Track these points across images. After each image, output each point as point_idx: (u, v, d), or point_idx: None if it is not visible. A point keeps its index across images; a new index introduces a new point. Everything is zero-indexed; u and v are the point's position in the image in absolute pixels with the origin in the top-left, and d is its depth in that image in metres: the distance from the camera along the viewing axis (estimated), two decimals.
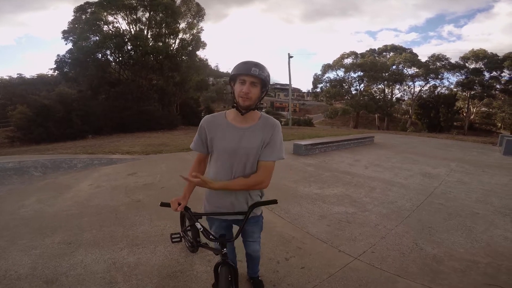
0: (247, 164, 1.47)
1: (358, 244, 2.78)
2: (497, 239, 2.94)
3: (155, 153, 7.57)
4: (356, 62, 36.67)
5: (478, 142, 14.57)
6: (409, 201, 4.12)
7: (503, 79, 31.89)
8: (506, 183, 5.40)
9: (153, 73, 20.44)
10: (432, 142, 13.70)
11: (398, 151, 9.47)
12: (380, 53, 39.19)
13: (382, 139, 13.13)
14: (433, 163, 7.41)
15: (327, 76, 39.18)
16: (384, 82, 36.51)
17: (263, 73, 1.33)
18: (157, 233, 2.95)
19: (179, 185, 4.55)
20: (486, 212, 3.75)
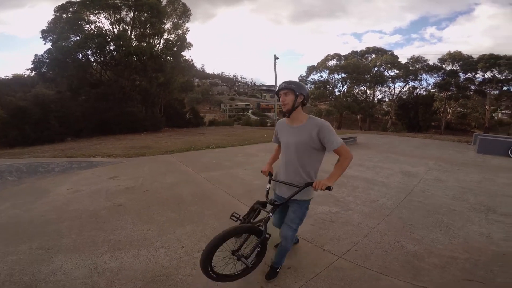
0: (298, 153, 2.01)
1: (342, 243, 2.82)
2: (473, 235, 3.06)
3: (138, 155, 7.40)
4: (340, 64, 37.42)
5: (454, 141, 15.24)
6: (390, 199, 4.24)
7: (477, 81, 33.46)
8: (480, 180, 5.67)
9: (136, 73, 20.03)
10: (412, 141, 14.18)
11: (379, 151, 9.73)
12: (363, 55, 40.18)
13: (364, 139, 13.45)
14: (413, 162, 7.67)
15: (312, 78, 39.77)
16: (366, 83, 37.46)
17: (290, 84, 1.93)
18: (140, 237, 2.89)
19: (162, 188, 4.49)
20: (462, 209, 3.90)
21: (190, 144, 9.90)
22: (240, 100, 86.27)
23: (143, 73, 19.90)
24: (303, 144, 1.96)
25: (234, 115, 65.10)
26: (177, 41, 21.74)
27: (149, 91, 20.62)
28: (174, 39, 21.78)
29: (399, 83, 37.59)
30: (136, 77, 20.85)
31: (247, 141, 11.35)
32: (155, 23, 19.68)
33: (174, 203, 3.79)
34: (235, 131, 18.10)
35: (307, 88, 2.02)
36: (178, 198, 3.99)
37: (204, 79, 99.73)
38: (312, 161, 2.03)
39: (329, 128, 1.93)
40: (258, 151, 8.72)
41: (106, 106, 16.68)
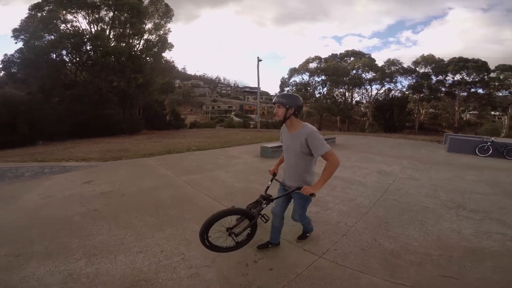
0: (295, 157, 2.32)
1: (321, 242, 2.88)
2: (445, 232, 3.21)
3: (115, 159, 7.15)
4: (320, 66, 38.21)
5: (426, 141, 15.99)
6: (367, 198, 4.37)
7: (447, 83, 35.35)
8: (451, 178, 5.98)
9: (114, 74, 19.38)
10: (387, 141, 14.73)
11: (357, 151, 10.02)
12: (342, 58, 41.25)
13: (343, 140, 13.81)
14: (388, 161, 7.97)
15: (294, 80, 40.29)
16: (345, 86, 38.50)
17: (281, 99, 2.19)
18: (116, 242, 2.80)
19: (140, 192, 4.37)
20: (434, 206, 4.10)
21: (170, 147, 9.69)
22: (223, 102, 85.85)
23: (121, 74, 19.27)
24: (297, 150, 2.26)
25: (217, 117, 64.68)
26: (158, 42, 21.32)
27: (127, 93, 20.01)
28: (154, 40, 21.36)
29: (375, 86, 38.95)
30: (113, 78, 20.17)
31: (229, 143, 11.29)
32: (135, 23, 19.20)
33: (153, 207, 3.70)
34: (217, 133, 17.95)
35: (299, 100, 2.24)
36: (156, 202, 3.90)
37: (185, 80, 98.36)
38: (307, 164, 2.32)
39: (317, 136, 2.17)
40: (240, 153, 8.68)
41: (81, 108, 15.99)
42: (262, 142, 11.27)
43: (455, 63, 33.02)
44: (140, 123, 20.05)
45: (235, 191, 4.55)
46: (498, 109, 35.71)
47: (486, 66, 32.21)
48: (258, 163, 6.98)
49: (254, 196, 4.25)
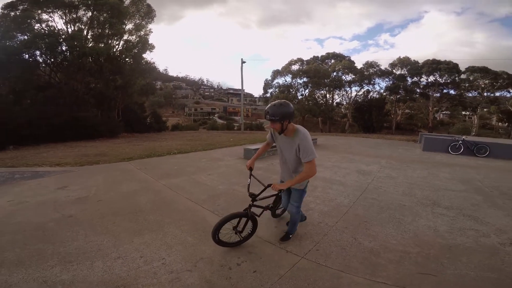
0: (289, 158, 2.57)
1: (303, 243, 2.90)
2: (422, 229, 3.33)
3: (91, 164, 6.87)
4: (302, 68, 38.83)
5: (403, 140, 16.66)
6: (347, 197, 4.48)
7: (421, 84, 37.00)
8: (426, 176, 6.25)
9: (91, 76, 18.66)
10: (367, 142, 15.20)
11: (337, 151, 10.26)
12: (323, 60, 42.15)
13: (324, 141, 14.09)
14: (367, 160, 8.22)
15: (277, 82, 40.78)
16: (326, 88, 39.34)
17: (274, 117, 2.31)
18: (93, 248, 2.70)
19: (118, 197, 4.24)
20: (411, 204, 4.25)
21: (150, 150, 9.46)
22: (206, 104, 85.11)
23: (98, 75, 18.56)
24: (291, 153, 2.50)
25: (200, 119, 63.87)
26: (138, 43, 20.64)
27: (105, 94, 19.24)
28: (135, 41, 20.66)
29: (355, 87, 40.19)
30: (90, 79, 19.41)
31: (212, 146, 11.19)
32: (115, 24, 18.50)
33: (131, 213, 3.59)
34: (199, 136, 17.75)
35: (290, 107, 2.36)
36: (135, 207, 3.79)
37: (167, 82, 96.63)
38: (300, 164, 2.53)
39: (308, 142, 2.39)
40: (224, 155, 8.63)
41: (56, 111, 15.23)
42: (246, 144, 11.26)
43: (429, 65, 34.66)
44: (119, 126, 19.34)
45: (218, 194, 4.51)
46: (468, 109, 37.79)
47: (457, 68, 34.04)
48: (241, 165, 6.97)
49: (236, 198, 4.27)
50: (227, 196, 4.41)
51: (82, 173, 5.93)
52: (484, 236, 3.18)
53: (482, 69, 33.17)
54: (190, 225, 3.25)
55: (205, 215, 3.57)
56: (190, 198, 4.22)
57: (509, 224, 3.51)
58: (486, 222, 3.60)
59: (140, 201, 4.04)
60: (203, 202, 4.04)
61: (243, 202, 4.01)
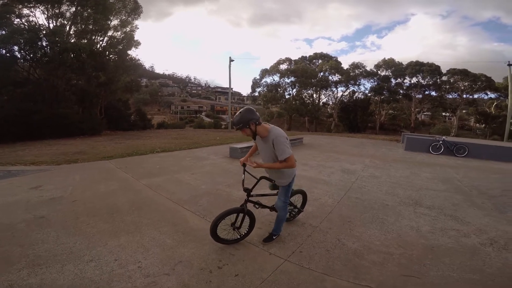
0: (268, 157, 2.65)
1: (287, 245, 2.84)
2: (405, 229, 3.33)
3: (69, 162, 6.59)
4: (290, 68, 38.99)
5: (386, 140, 17.03)
6: (331, 197, 4.47)
7: (405, 85, 37.97)
8: (408, 175, 6.37)
9: (73, 72, 17.99)
10: (351, 141, 15.43)
11: (322, 151, 10.34)
12: (311, 60, 42.49)
13: (310, 140, 14.18)
14: (351, 160, 8.31)
15: (265, 81, 40.71)
16: (313, 87, 39.69)
17: (239, 124, 2.45)
18: (64, 251, 2.56)
19: (95, 197, 4.05)
20: (394, 203, 4.29)
21: (133, 148, 9.20)
22: (193, 102, 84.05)
23: (80, 72, 17.94)
24: (269, 152, 2.59)
25: (186, 117, 63.03)
26: (123, 39, 20.15)
27: (87, 91, 18.67)
28: (120, 37, 20.18)
29: (341, 88, 40.72)
30: (72, 75, 18.74)
31: (197, 144, 11.02)
32: (99, 20, 17.91)
33: (108, 213, 3.43)
34: (185, 134, 17.47)
35: (252, 112, 2.48)
36: (112, 208, 3.63)
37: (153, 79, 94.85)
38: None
39: (281, 141, 2.45)
40: (209, 154, 8.50)
41: (34, 108, 14.62)
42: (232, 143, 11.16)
43: (412, 67, 35.62)
44: (102, 123, 18.79)
45: (200, 194, 4.39)
46: (448, 110, 39.15)
47: (439, 70, 35.16)
48: (227, 164, 6.87)
49: (219, 198, 4.17)
50: (210, 196, 4.30)
51: (59, 172, 5.67)
52: (465, 236, 3.22)
53: (462, 71, 34.38)
54: (170, 226, 3.13)
55: (186, 216, 3.46)
56: (171, 198, 4.09)
57: (488, 224, 3.58)
58: (466, 222, 3.66)
59: (118, 201, 3.87)
60: (185, 203, 3.92)
61: (227, 202, 3.94)
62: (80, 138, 14.17)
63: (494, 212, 4.08)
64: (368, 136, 20.39)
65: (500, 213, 4.08)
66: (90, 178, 5.14)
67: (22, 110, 14.12)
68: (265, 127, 2.53)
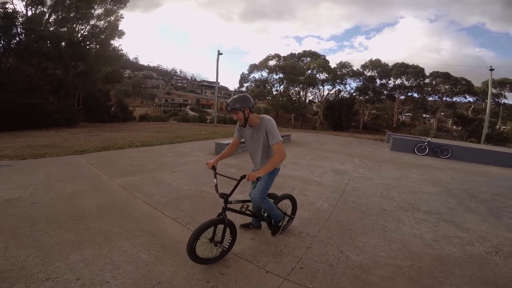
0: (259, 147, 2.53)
1: (285, 260, 2.47)
2: (408, 238, 3.08)
3: (35, 157, 5.92)
4: (279, 64, 38.74)
5: (371, 139, 17.14)
6: (326, 201, 4.16)
7: (389, 86, 38.73)
8: (399, 177, 6.21)
9: (49, 61, 16.85)
10: (337, 139, 15.38)
11: (311, 148, 10.13)
12: (299, 58, 42.48)
13: (298, 137, 13.98)
14: (341, 159, 8.11)
15: (253, 76, 40.35)
16: (300, 85, 39.68)
17: (235, 105, 2.34)
18: (14, 266, 2.09)
19: (59, 199, 3.53)
20: (391, 208, 4.05)
21: (110, 142, 8.55)
22: (178, 95, 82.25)
23: (57, 61, 16.86)
24: (259, 142, 2.49)
25: (170, 110, 61.42)
26: (106, 28, 19.12)
27: (63, 81, 17.65)
28: (103, 26, 19.14)
29: (327, 86, 41.01)
30: (48, 64, 17.61)
31: (180, 139, 10.48)
32: (82, 8, 16.87)
33: (72, 220, 2.94)
34: (168, 127, 16.76)
35: (249, 98, 2.41)
36: (78, 213, 3.12)
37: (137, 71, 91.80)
38: (269, 150, 2.51)
39: (272, 126, 2.40)
40: (192, 150, 8.02)
41: (3, 97, 13.58)
42: (218, 138, 10.72)
43: (397, 68, 36.39)
44: (79, 115, 17.79)
45: (182, 196, 3.95)
46: (429, 112, 40.36)
47: (423, 72, 36.12)
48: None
49: (204, 203, 3.75)
50: (193, 199, 3.88)
51: (22, 168, 5.03)
52: (469, 244, 3.03)
53: (444, 74, 35.48)
54: (146, 237, 2.69)
55: (165, 223, 3.02)
56: (148, 202, 3.62)
57: (488, 231, 3.42)
58: (467, 228, 3.48)
59: (85, 205, 3.36)
60: (164, 207, 3.47)
61: (214, 206, 3.54)
62: (53, 130, 13.23)
63: (490, 218, 3.94)
64: (353, 135, 20.50)
65: (496, 218, 3.96)
66: (56, 176, 4.56)
67: None
68: (256, 115, 2.48)
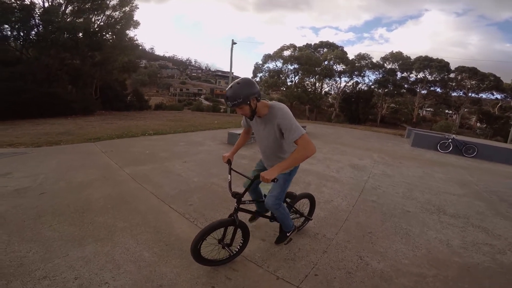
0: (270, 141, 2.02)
1: (298, 265, 2.26)
2: (434, 243, 2.83)
3: (50, 144, 5.96)
4: (294, 54, 37.81)
5: (390, 134, 16.48)
6: (344, 199, 3.90)
7: (410, 80, 37.10)
8: (422, 176, 5.83)
9: (66, 51, 17.21)
10: (354, 132, 14.87)
11: (327, 141, 9.79)
12: (316, 49, 41.26)
13: (313, 129, 13.61)
14: (359, 154, 7.76)
15: (267, 66, 39.61)
16: (316, 76, 38.67)
17: (237, 100, 1.77)
18: (14, 262, 2.00)
19: (68, 189, 3.47)
20: (415, 209, 3.76)
21: (123, 130, 8.57)
22: (192, 84, 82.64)
23: (75, 51, 17.27)
24: (271, 134, 1.97)
25: (185, 99, 61.81)
26: (122, 19, 19.34)
27: (80, 71, 18.09)
28: (118, 16, 19.34)
29: (345, 78, 39.71)
30: (66, 55, 18.01)
31: (194, 127, 10.42)
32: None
33: (77, 212, 2.85)
34: (182, 116, 16.78)
35: (252, 84, 1.84)
36: (84, 205, 3.03)
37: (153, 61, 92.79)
38: (285, 144, 2.02)
39: (287, 119, 1.82)
40: (205, 139, 7.91)
41: (24, 88, 14.03)
42: (231, 128, 10.56)
43: (420, 62, 34.68)
44: (96, 103, 18.19)
45: (192, 189, 3.80)
46: (452, 108, 38.47)
47: (448, 66, 34.25)
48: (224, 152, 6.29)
49: (214, 197, 3.57)
50: (203, 192, 3.72)
51: (36, 155, 5.05)
52: (500, 253, 2.74)
53: (471, 69, 33.51)
54: (151, 233, 2.56)
55: (172, 219, 2.88)
56: (156, 194, 3.50)
57: None
58: (497, 234, 3.17)
59: (92, 196, 3.28)
60: (172, 200, 3.34)
61: (223, 201, 3.38)
62: (71, 118, 13.54)
63: None
64: (370, 129, 19.81)
65: None
66: (67, 164, 4.52)
67: (9, 89, 13.53)
68: (264, 103, 1.93)
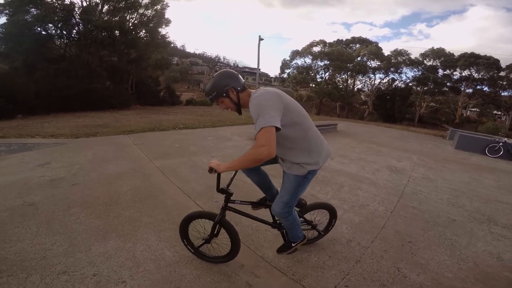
0: None
1: (327, 274, 2.05)
2: (483, 256, 2.48)
3: (88, 136, 6.27)
4: (324, 50, 36.64)
5: (429, 135, 15.33)
6: (381, 204, 3.58)
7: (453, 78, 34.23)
8: (469, 181, 5.23)
9: (104, 49, 18.28)
10: (390, 132, 14.02)
11: (360, 140, 9.29)
12: (347, 44, 39.69)
13: (345, 127, 13.05)
14: (396, 155, 7.22)
15: (295, 62, 38.79)
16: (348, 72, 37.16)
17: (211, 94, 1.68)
18: (37, 255, 2.01)
19: (99, 181, 3.54)
20: (462, 218, 3.35)
21: (156, 123, 8.87)
22: None
23: (112, 49, 18.36)
24: None
25: None
26: (154, 17, 20.22)
27: (117, 67, 19.18)
28: (150, 15, 20.22)
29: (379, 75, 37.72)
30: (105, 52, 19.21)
31: (222, 122, 10.46)
32: None
33: (105, 204, 2.87)
34: (211, 111, 17.03)
35: (228, 74, 1.68)
36: (112, 197, 3.06)
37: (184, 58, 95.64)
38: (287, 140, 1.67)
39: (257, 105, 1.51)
40: (233, 135, 7.90)
41: (67, 83, 15.18)
42: None
43: (465, 59, 31.82)
44: (131, 98, 19.25)
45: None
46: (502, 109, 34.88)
47: (498, 64, 31.05)
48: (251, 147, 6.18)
49: (243, 192, 3.43)
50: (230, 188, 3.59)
51: (74, 146, 5.30)
52: None
53: None
54: (174, 230, 2.45)
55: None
56: (183, 189, 3.45)
57: None
58: None
59: (121, 189, 3.31)
60: (198, 196, 3.26)
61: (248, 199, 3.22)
62: (109, 111, 14.37)
63: None
64: (408, 128, 18.58)
65: None
66: (102, 156, 4.68)
67: (54, 85, 14.77)
68: (248, 92, 1.70)
